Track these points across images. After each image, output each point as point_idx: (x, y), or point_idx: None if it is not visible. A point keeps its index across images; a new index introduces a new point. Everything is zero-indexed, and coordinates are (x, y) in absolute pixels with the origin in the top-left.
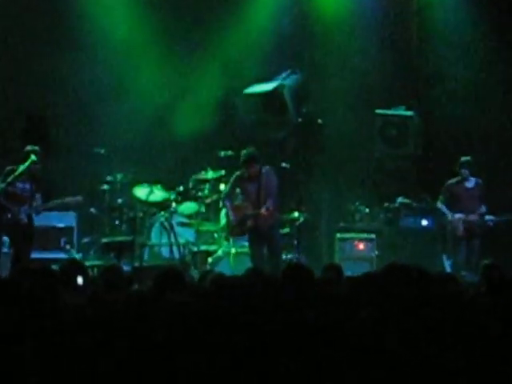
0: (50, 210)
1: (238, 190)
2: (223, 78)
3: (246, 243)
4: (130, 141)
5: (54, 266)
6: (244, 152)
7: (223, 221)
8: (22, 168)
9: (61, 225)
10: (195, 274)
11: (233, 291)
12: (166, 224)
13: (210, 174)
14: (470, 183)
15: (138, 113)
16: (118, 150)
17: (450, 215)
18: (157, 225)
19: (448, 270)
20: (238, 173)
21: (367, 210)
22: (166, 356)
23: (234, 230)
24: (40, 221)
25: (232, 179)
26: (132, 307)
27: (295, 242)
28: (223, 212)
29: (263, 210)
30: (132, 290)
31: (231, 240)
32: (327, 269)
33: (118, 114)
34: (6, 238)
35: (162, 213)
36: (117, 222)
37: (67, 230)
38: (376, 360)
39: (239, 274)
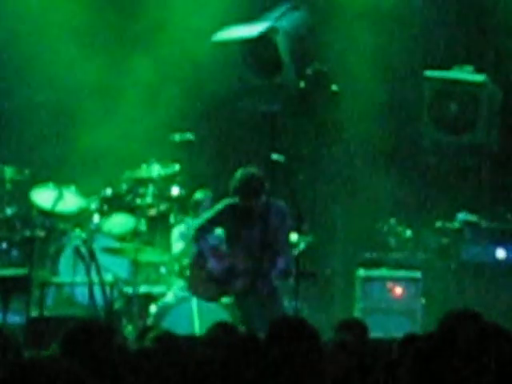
0: None
1: (218, 229)
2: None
3: None
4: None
5: None
6: (240, 174)
7: (177, 247)
8: None
9: None
10: (130, 331)
11: (189, 361)
12: (82, 250)
13: (156, 171)
14: None
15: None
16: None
17: None
18: (68, 251)
19: None
20: (227, 201)
21: (409, 231)
22: None
23: (209, 287)
24: None
25: (217, 208)
26: None
27: (292, 283)
28: (175, 233)
29: (277, 274)
30: (22, 359)
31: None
32: (343, 327)
33: None
34: None
35: (78, 231)
36: (3, 246)
37: None
38: None
39: (200, 332)
